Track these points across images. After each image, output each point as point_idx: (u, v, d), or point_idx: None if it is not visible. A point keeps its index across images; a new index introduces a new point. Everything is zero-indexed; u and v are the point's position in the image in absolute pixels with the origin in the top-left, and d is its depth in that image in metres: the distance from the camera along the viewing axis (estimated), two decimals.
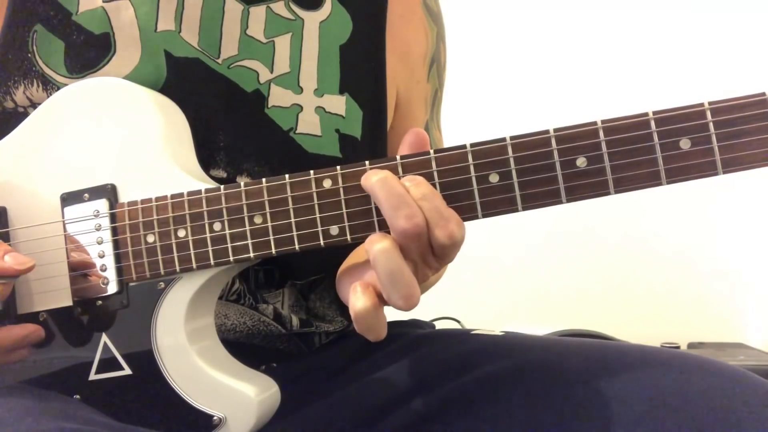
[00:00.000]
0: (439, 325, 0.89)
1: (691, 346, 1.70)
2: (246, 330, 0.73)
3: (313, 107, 0.75)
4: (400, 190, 0.54)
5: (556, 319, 1.74)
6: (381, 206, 0.54)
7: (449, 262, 0.57)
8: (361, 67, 0.79)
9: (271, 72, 0.73)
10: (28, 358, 0.64)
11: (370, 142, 0.78)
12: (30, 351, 0.64)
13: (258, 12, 0.74)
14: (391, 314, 0.87)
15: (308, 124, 0.74)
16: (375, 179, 0.54)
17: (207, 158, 0.70)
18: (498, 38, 1.86)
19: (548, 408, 0.60)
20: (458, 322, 1.71)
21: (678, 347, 1.60)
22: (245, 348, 0.72)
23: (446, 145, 0.88)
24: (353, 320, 0.55)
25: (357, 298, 0.54)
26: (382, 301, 0.55)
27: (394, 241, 0.53)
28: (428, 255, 0.55)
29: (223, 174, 0.71)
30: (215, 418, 0.61)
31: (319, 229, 0.58)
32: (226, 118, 0.71)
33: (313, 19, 0.77)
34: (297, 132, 0.73)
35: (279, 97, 0.73)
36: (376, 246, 0.53)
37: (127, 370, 0.63)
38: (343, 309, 0.84)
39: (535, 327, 1.72)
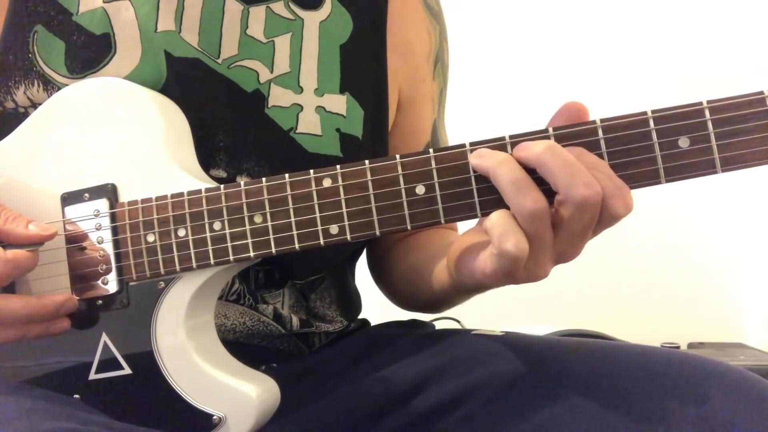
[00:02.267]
0: (439, 325, 0.89)
1: (691, 346, 1.70)
2: (246, 330, 0.73)
3: (313, 107, 0.75)
4: (571, 157, 0.51)
5: (556, 319, 1.73)
6: (554, 175, 0.51)
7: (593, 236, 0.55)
8: (362, 66, 0.79)
9: (271, 72, 0.74)
10: (65, 330, 0.63)
11: (372, 142, 0.78)
12: (69, 323, 0.63)
13: (258, 12, 0.74)
14: (392, 314, 0.87)
15: (308, 124, 0.74)
16: (542, 148, 0.51)
17: (207, 158, 0.70)
18: (497, 37, 1.85)
19: (548, 408, 0.60)
20: (458, 322, 1.70)
21: (678, 347, 1.60)
22: (245, 348, 0.72)
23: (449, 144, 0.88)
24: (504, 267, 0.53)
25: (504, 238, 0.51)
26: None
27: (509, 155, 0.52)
28: (589, 229, 0.53)
29: (223, 174, 0.71)
30: (215, 417, 0.61)
31: (319, 228, 0.58)
32: (226, 118, 0.71)
33: (313, 19, 0.77)
34: (297, 132, 0.73)
35: (279, 97, 0.73)
36: (495, 159, 0.52)
37: (127, 370, 0.63)
38: (343, 309, 0.84)
39: (535, 327, 1.72)
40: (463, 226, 0.56)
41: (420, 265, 0.77)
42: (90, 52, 0.70)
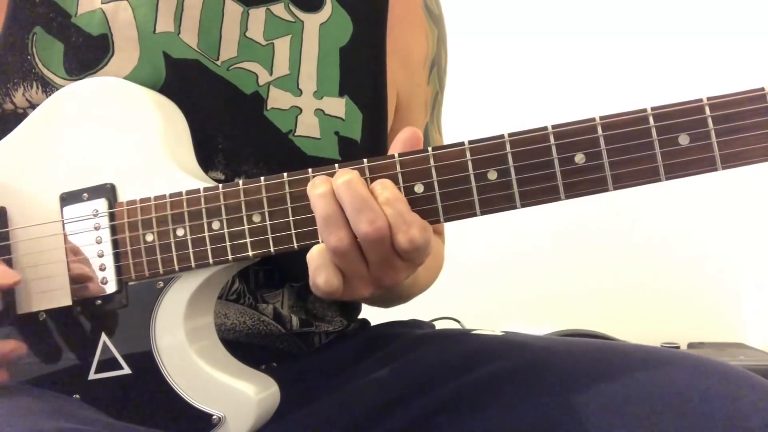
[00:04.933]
0: (439, 325, 0.89)
1: (691, 346, 1.70)
2: (246, 330, 0.73)
3: (312, 109, 0.74)
4: (364, 193, 0.54)
5: (556, 319, 1.73)
6: (345, 208, 0.54)
7: (419, 264, 0.57)
8: (361, 69, 0.79)
9: (271, 74, 0.73)
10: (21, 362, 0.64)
11: (370, 145, 0.78)
12: (11, 370, 0.64)
13: (258, 14, 0.74)
14: (392, 314, 0.87)
15: (307, 127, 0.74)
16: (340, 181, 0.54)
17: (205, 160, 0.69)
18: (497, 35, 1.86)
19: (548, 408, 0.60)
20: (458, 322, 1.71)
21: (678, 347, 1.60)
22: (245, 347, 0.72)
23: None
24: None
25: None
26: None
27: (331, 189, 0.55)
28: (393, 258, 0.55)
29: (221, 176, 0.71)
30: (214, 417, 0.60)
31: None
32: (225, 120, 0.71)
33: (313, 21, 0.77)
34: (296, 134, 0.73)
35: (278, 100, 0.73)
36: (314, 192, 0.55)
37: (127, 370, 0.63)
38: (342, 309, 0.84)
39: (535, 327, 1.72)
40: (469, 225, 0.56)
41: None
42: (88, 54, 0.70)
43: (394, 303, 0.86)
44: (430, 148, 0.56)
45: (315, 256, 0.56)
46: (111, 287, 0.63)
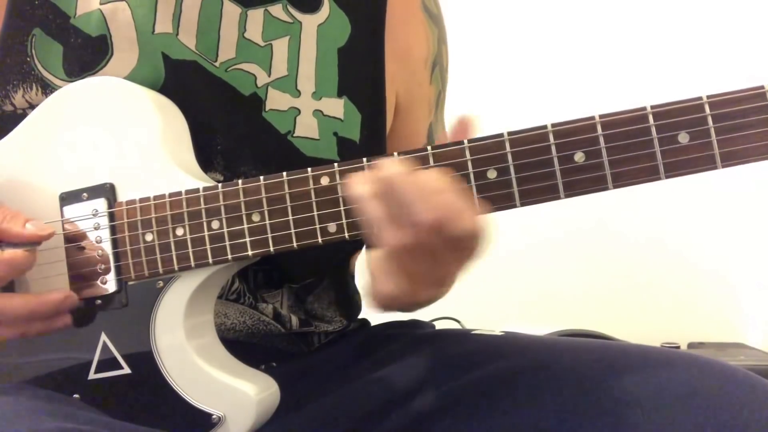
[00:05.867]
0: (439, 325, 0.89)
1: (691, 346, 1.69)
2: (246, 329, 0.73)
3: (311, 110, 0.74)
4: (417, 183, 0.51)
5: (556, 319, 1.73)
6: (399, 202, 0.51)
7: (476, 255, 0.54)
8: (360, 70, 0.79)
9: (269, 75, 0.73)
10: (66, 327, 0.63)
11: (369, 146, 0.78)
12: (71, 318, 0.63)
13: (256, 15, 0.74)
14: (391, 314, 0.87)
15: (306, 128, 0.74)
16: (389, 173, 0.52)
17: (204, 161, 0.69)
18: (496, 33, 1.85)
19: (548, 408, 0.60)
20: (458, 322, 1.71)
21: (678, 347, 1.60)
22: (245, 347, 0.71)
23: None
24: None
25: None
26: None
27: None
28: (447, 250, 0.53)
29: (220, 177, 0.71)
30: (214, 416, 0.60)
31: (317, 226, 0.58)
32: (224, 121, 0.71)
33: (311, 22, 0.77)
34: (295, 135, 0.73)
35: (277, 101, 0.73)
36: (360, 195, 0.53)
37: (126, 370, 0.63)
38: (342, 309, 0.84)
39: (535, 327, 1.71)
40: None
41: None
42: (87, 55, 0.70)
43: (428, 304, 0.84)
44: (429, 147, 0.56)
45: (377, 265, 0.53)
46: (111, 287, 0.63)
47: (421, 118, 0.87)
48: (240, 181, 0.60)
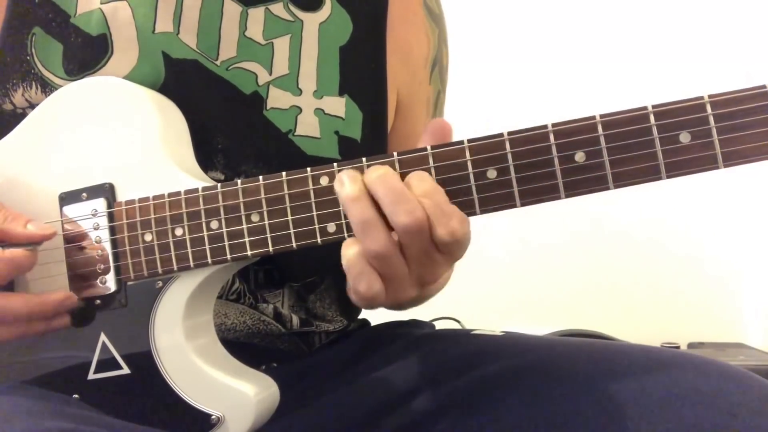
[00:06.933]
0: (439, 325, 0.89)
1: (691, 346, 1.70)
2: (246, 329, 0.73)
3: (312, 109, 0.74)
4: (399, 185, 0.53)
5: (556, 319, 1.73)
6: (381, 202, 0.53)
7: (457, 259, 0.56)
8: (361, 68, 0.79)
9: (270, 74, 0.73)
10: (65, 327, 0.64)
11: (370, 145, 0.78)
12: (70, 319, 0.64)
13: (257, 13, 0.74)
14: (391, 314, 0.87)
15: (307, 126, 0.74)
16: (374, 176, 0.54)
17: (205, 160, 0.69)
18: (496, 33, 1.86)
19: (549, 408, 0.60)
20: (458, 322, 1.71)
21: (678, 347, 1.60)
22: (245, 347, 0.72)
23: None
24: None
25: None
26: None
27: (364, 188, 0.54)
28: (433, 252, 0.54)
29: (221, 176, 0.71)
30: (213, 417, 0.60)
31: (317, 226, 0.58)
32: (225, 120, 0.71)
33: (312, 21, 0.76)
34: (296, 134, 0.73)
35: (278, 99, 0.73)
36: (347, 196, 0.54)
37: (126, 370, 0.63)
38: (343, 309, 0.83)
39: (535, 327, 1.72)
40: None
41: None
42: (87, 54, 0.70)
43: (415, 304, 0.85)
44: (429, 147, 0.56)
45: (354, 263, 0.54)
46: (110, 287, 0.63)
47: (420, 117, 0.87)
48: (239, 182, 0.59)
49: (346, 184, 0.54)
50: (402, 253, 0.54)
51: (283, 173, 0.58)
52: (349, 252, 0.54)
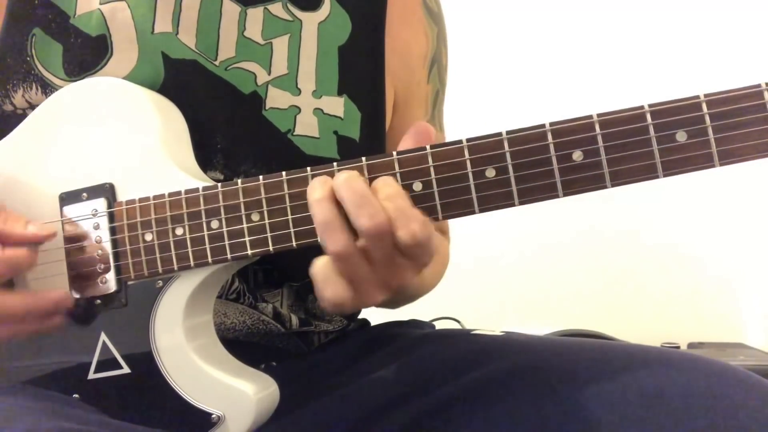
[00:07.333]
0: (439, 325, 0.89)
1: (691, 346, 1.69)
2: (245, 329, 0.73)
3: (311, 109, 0.74)
4: (363, 189, 0.53)
5: (556, 319, 1.73)
6: (345, 205, 0.53)
7: (424, 264, 0.56)
8: (360, 68, 0.79)
9: (269, 74, 0.73)
10: (59, 326, 0.64)
11: (369, 144, 0.78)
12: (63, 319, 0.64)
13: (255, 13, 0.74)
14: (392, 314, 0.87)
15: (306, 126, 0.74)
16: (339, 180, 0.54)
17: (204, 160, 0.69)
18: (495, 33, 1.86)
19: (548, 408, 0.60)
20: (458, 322, 1.71)
21: (678, 347, 1.60)
22: (245, 347, 0.72)
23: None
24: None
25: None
26: None
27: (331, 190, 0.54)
28: (397, 256, 0.54)
29: (220, 176, 0.71)
30: (213, 416, 0.60)
31: None
32: (224, 120, 0.71)
33: (311, 20, 0.77)
34: (295, 134, 0.73)
35: (277, 99, 0.73)
36: (312, 197, 0.54)
37: (126, 369, 0.63)
38: None
39: (535, 327, 1.72)
40: (468, 224, 0.56)
41: None
42: (87, 55, 0.70)
43: (402, 303, 0.86)
44: (428, 147, 0.56)
45: (319, 270, 0.54)
46: (111, 286, 0.63)
47: (417, 116, 0.87)
48: (239, 181, 0.60)
49: (315, 187, 0.55)
50: (366, 257, 0.54)
51: (283, 173, 0.59)
52: (318, 262, 0.55)
